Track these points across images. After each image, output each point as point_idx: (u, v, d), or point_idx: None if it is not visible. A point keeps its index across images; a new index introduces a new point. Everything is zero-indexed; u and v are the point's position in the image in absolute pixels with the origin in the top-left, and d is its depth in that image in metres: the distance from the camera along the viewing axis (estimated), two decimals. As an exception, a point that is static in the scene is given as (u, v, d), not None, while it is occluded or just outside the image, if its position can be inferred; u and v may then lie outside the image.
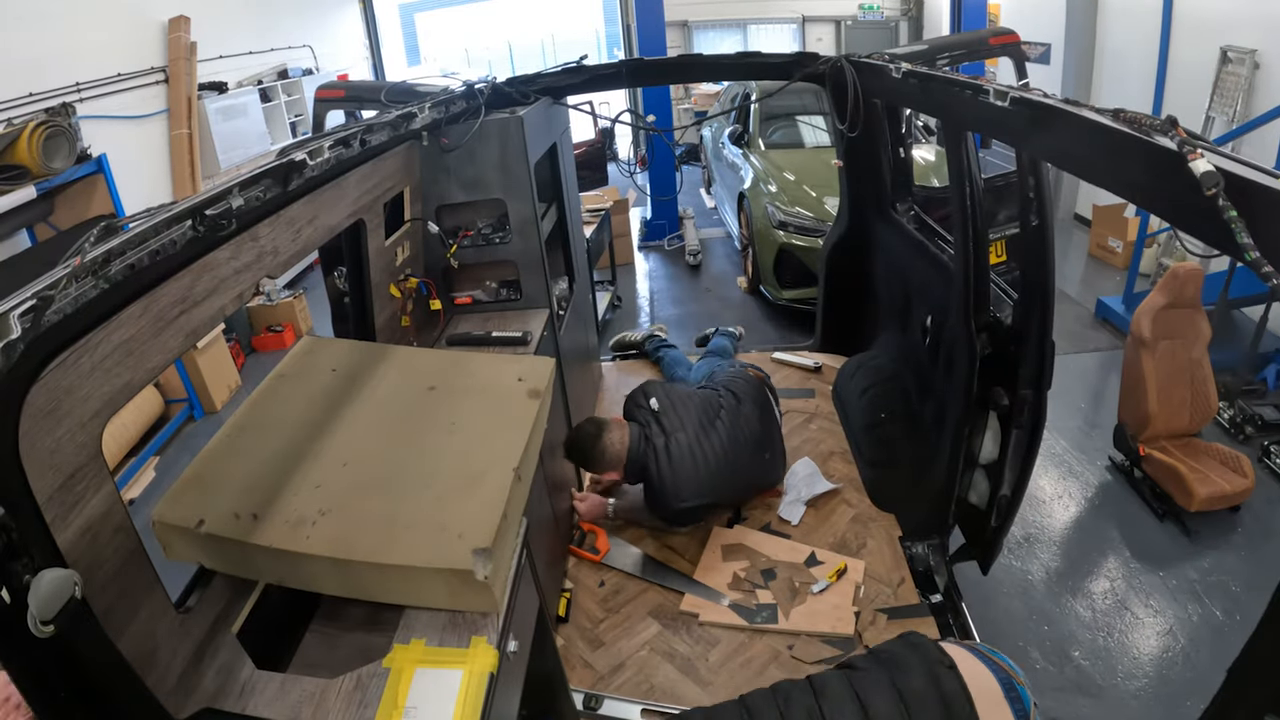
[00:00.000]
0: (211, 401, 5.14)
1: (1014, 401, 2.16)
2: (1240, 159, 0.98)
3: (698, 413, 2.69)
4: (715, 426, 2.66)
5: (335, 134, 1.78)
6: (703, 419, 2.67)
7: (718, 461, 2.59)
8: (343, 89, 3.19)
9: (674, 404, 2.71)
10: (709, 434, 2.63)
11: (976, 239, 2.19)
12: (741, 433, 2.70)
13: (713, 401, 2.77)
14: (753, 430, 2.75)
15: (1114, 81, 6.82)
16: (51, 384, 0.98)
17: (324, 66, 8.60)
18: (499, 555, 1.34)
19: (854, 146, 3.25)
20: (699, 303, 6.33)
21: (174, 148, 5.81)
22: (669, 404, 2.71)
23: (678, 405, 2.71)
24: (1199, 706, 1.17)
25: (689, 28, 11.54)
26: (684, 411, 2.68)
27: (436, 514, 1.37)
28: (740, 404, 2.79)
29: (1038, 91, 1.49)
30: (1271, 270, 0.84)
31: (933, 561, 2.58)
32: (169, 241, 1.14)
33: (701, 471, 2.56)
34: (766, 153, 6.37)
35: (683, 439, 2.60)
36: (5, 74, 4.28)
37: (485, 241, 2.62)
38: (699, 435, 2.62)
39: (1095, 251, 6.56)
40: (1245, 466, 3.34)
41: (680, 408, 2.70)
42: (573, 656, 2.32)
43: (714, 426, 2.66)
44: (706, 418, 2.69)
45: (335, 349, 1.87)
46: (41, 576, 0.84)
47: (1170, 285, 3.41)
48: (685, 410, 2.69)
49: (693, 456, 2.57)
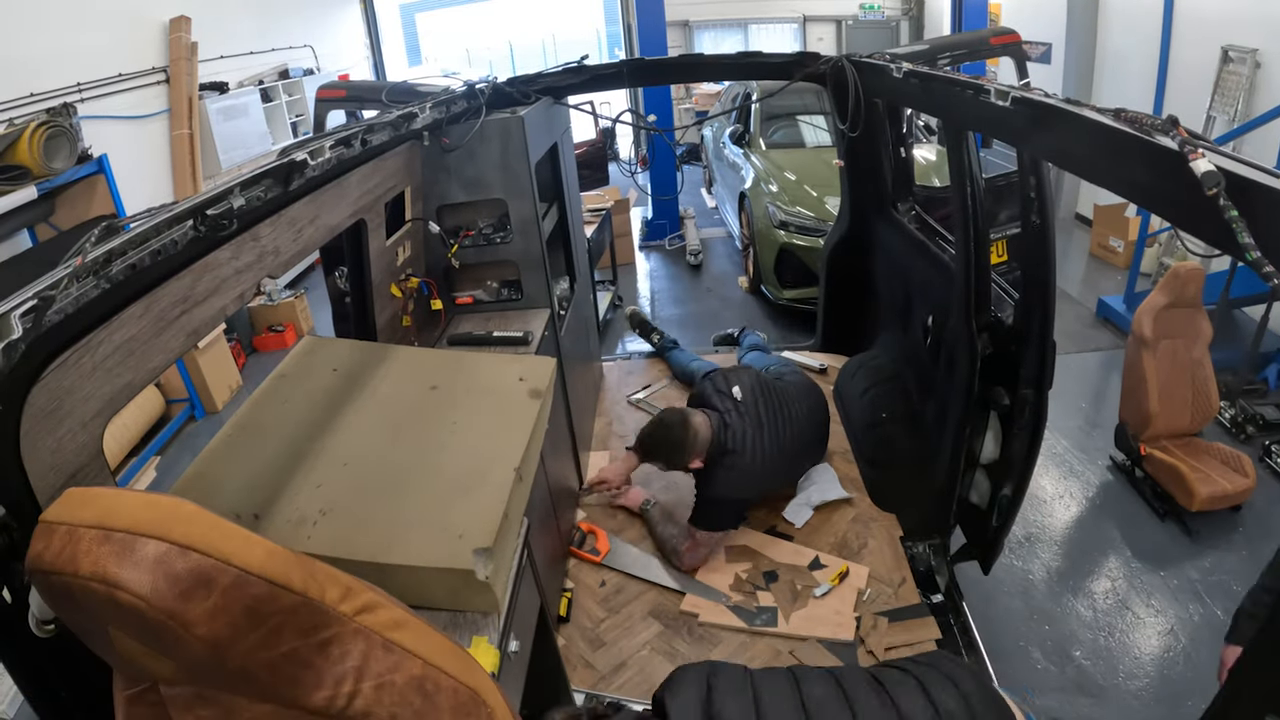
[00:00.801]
0: (213, 401, 5.14)
1: (1015, 401, 2.15)
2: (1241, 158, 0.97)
3: (775, 408, 2.70)
4: (786, 425, 2.69)
5: (336, 134, 1.78)
6: (777, 416, 2.69)
7: (776, 462, 2.64)
8: (344, 89, 3.19)
9: (755, 395, 2.70)
10: (779, 431, 2.65)
11: (978, 239, 2.18)
12: (804, 433, 2.78)
13: (786, 399, 2.78)
14: (807, 432, 2.82)
15: (1115, 81, 6.81)
16: (52, 384, 0.98)
17: (325, 66, 8.60)
18: (500, 555, 1.34)
19: (855, 146, 3.25)
20: (700, 302, 6.33)
21: (175, 148, 5.81)
22: (750, 394, 2.69)
23: (760, 396, 2.70)
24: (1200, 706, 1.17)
25: (690, 27, 11.54)
26: (764, 404, 2.68)
27: (438, 514, 1.37)
28: (805, 410, 2.82)
29: (1038, 91, 1.49)
30: (1272, 270, 0.84)
31: (934, 561, 2.59)
32: (170, 241, 1.14)
33: (764, 468, 2.60)
34: (767, 152, 6.37)
35: (756, 434, 2.60)
36: (6, 74, 4.28)
37: (486, 241, 2.62)
38: (771, 432, 2.63)
39: (1096, 251, 6.55)
40: (1246, 466, 3.34)
41: (761, 400, 2.69)
42: (574, 656, 2.32)
43: (783, 425, 2.68)
44: (781, 415, 2.70)
45: (336, 349, 1.87)
46: (42, 577, 0.84)
47: (1171, 285, 3.40)
48: (766, 403, 2.69)
49: (762, 453, 2.58)
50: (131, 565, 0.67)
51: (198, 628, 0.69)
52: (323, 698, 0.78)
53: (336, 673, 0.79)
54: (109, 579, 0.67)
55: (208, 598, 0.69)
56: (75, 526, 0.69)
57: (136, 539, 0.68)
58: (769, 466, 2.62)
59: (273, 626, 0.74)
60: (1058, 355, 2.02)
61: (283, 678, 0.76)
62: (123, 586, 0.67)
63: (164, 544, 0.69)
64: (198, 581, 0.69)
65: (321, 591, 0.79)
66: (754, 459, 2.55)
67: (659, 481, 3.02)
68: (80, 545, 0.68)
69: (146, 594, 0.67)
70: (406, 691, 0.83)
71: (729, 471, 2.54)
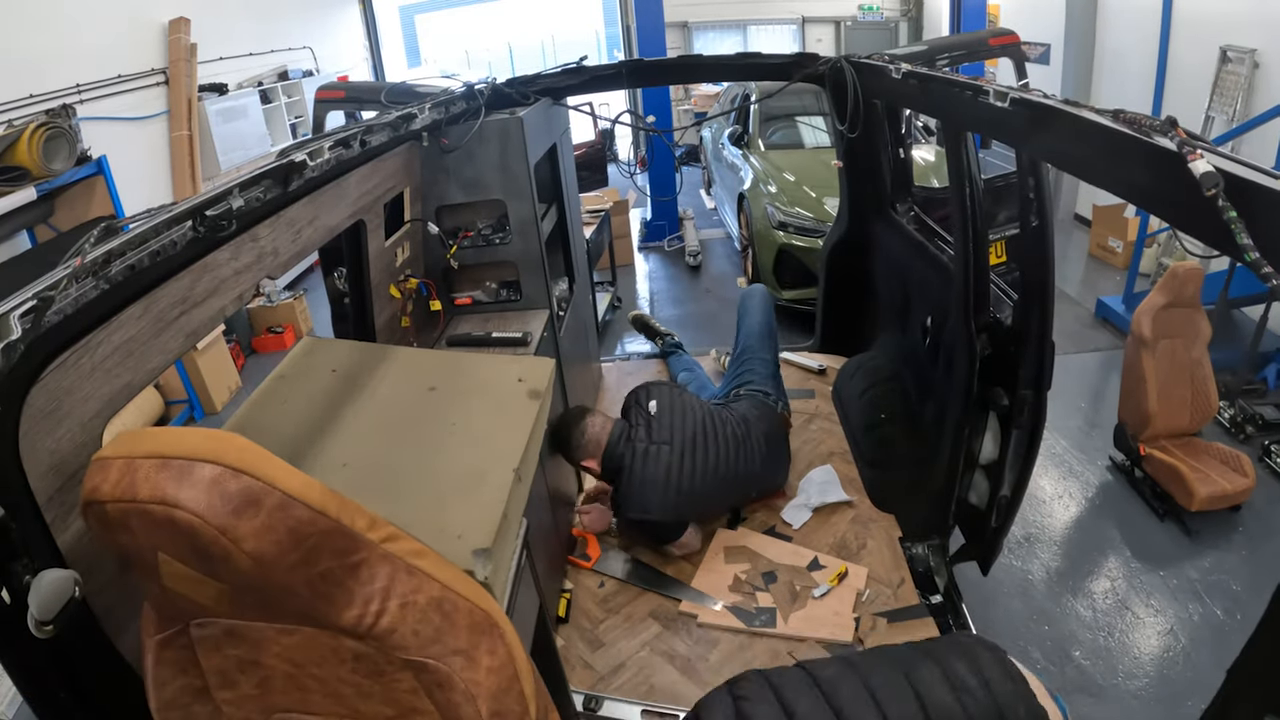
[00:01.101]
0: (212, 402, 5.14)
1: (1014, 402, 2.15)
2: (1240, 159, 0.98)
3: (695, 428, 2.56)
4: (707, 448, 2.54)
5: (335, 135, 1.78)
6: (698, 436, 2.55)
7: (691, 484, 2.48)
8: (343, 90, 3.19)
9: (673, 413, 2.59)
10: (695, 454, 2.51)
11: (976, 239, 2.18)
12: (735, 465, 2.58)
13: (718, 421, 2.63)
14: (749, 465, 2.62)
15: (1114, 82, 6.82)
16: (52, 385, 0.98)
17: (324, 68, 8.61)
18: (499, 556, 1.34)
19: (854, 147, 3.25)
20: (699, 303, 6.33)
21: (174, 149, 5.82)
22: (668, 411, 2.59)
23: (676, 415, 2.58)
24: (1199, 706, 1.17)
25: (689, 28, 11.54)
26: (680, 423, 2.56)
27: (436, 514, 1.36)
28: (749, 435, 2.65)
29: (1037, 92, 1.49)
30: (1271, 270, 0.84)
31: (933, 562, 2.58)
32: (169, 242, 1.14)
33: (671, 490, 2.45)
34: (766, 153, 6.37)
35: (666, 451, 2.48)
36: (5, 75, 4.28)
37: (485, 242, 2.62)
38: (685, 452, 2.50)
39: (1095, 251, 6.56)
40: (1246, 466, 3.34)
41: (679, 418, 2.58)
42: (572, 657, 2.32)
43: (705, 448, 2.54)
44: (702, 436, 2.55)
45: (335, 350, 1.87)
46: (42, 577, 0.84)
47: (1170, 285, 3.41)
48: (682, 422, 2.57)
49: (668, 471, 2.46)
50: (189, 485, 0.74)
51: (246, 543, 0.75)
52: (353, 615, 0.85)
53: (365, 593, 0.86)
54: (167, 499, 0.73)
55: (256, 516, 0.76)
56: (132, 458, 0.76)
57: (193, 464, 0.75)
58: (681, 487, 2.46)
59: (311, 547, 0.81)
60: (1057, 356, 2.02)
61: (319, 594, 0.83)
62: (181, 505, 0.73)
63: (218, 467, 0.76)
64: (248, 501, 0.76)
65: (352, 520, 0.86)
66: (656, 475, 2.44)
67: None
68: (139, 473, 0.75)
69: (202, 510, 0.73)
70: (428, 611, 0.91)
71: (630, 486, 2.47)
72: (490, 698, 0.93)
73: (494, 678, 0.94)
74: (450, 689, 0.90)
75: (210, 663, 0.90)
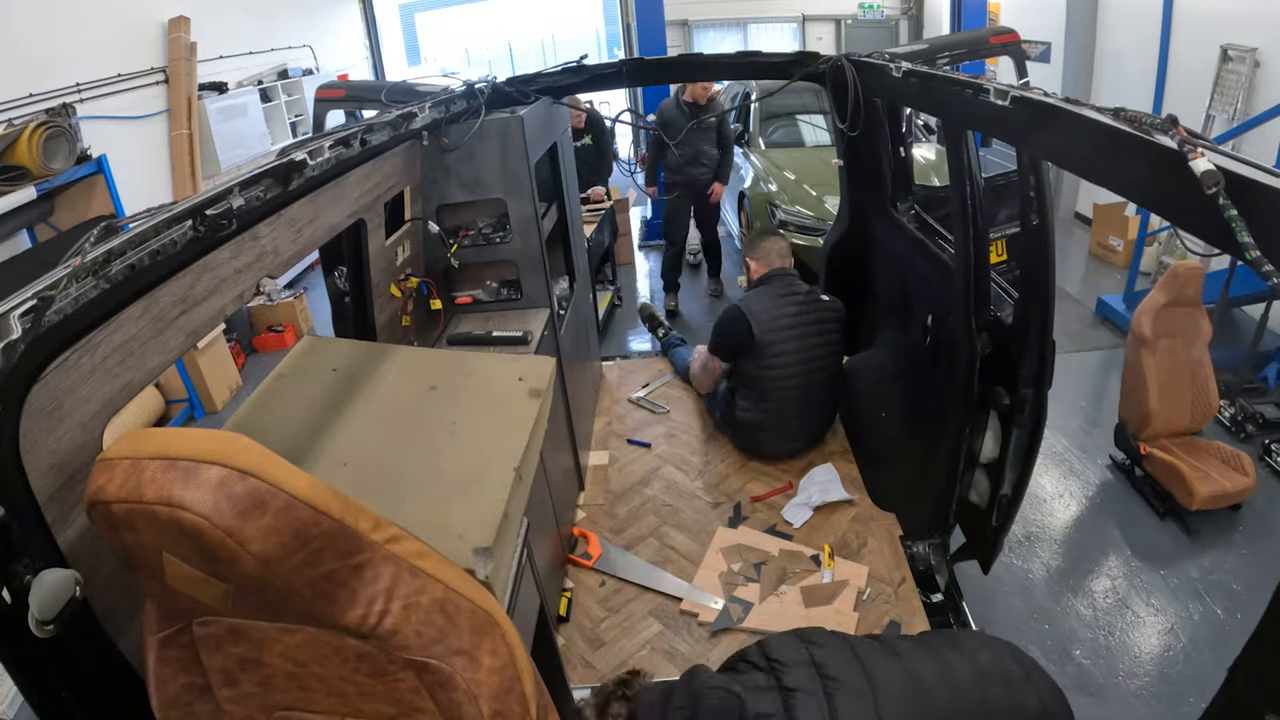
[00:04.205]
0: (212, 402, 5.14)
1: (1014, 400, 2.15)
2: (1240, 157, 0.97)
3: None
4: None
5: (335, 134, 1.78)
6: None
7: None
8: (343, 89, 3.18)
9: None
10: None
11: (977, 238, 2.18)
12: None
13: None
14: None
15: (1114, 80, 6.81)
16: (52, 384, 0.98)
17: (324, 66, 8.59)
18: (499, 555, 1.34)
19: (854, 146, 3.25)
20: (699, 302, 6.33)
21: (174, 148, 5.81)
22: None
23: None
24: (1200, 705, 1.17)
25: (689, 27, 11.52)
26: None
27: (437, 514, 1.36)
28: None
29: (1038, 90, 1.48)
30: (1272, 269, 0.84)
31: (933, 561, 2.58)
32: (169, 241, 1.14)
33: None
34: (767, 152, 6.37)
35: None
36: (5, 74, 4.27)
37: (486, 241, 2.62)
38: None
39: (1096, 250, 6.55)
40: (1246, 465, 3.34)
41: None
42: (573, 656, 2.32)
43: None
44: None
45: (336, 349, 1.86)
46: (42, 577, 0.84)
47: (1171, 284, 3.40)
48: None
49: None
50: (196, 487, 0.74)
51: (252, 544, 0.76)
52: (356, 616, 0.86)
53: (369, 593, 0.87)
54: (174, 501, 0.73)
55: (262, 518, 0.76)
56: (138, 459, 0.76)
57: (199, 465, 0.75)
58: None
59: (315, 548, 0.81)
60: (1057, 354, 2.02)
61: (322, 595, 0.84)
62: (187, 507, 0.73)
63: (224, 469, 0.76)
64: (254, 503, 0.76)
65: (356, 521, 0.87)
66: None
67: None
68: (145, 474, 0.75)
69: (209, 512, 0.74)
70: (431, 612, 0.91)
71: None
72: (492, 697, 0.93)
73: (496, 677, 0.95)
74: (452, 689, 0.91)
75: (212, 661, 0.91)
